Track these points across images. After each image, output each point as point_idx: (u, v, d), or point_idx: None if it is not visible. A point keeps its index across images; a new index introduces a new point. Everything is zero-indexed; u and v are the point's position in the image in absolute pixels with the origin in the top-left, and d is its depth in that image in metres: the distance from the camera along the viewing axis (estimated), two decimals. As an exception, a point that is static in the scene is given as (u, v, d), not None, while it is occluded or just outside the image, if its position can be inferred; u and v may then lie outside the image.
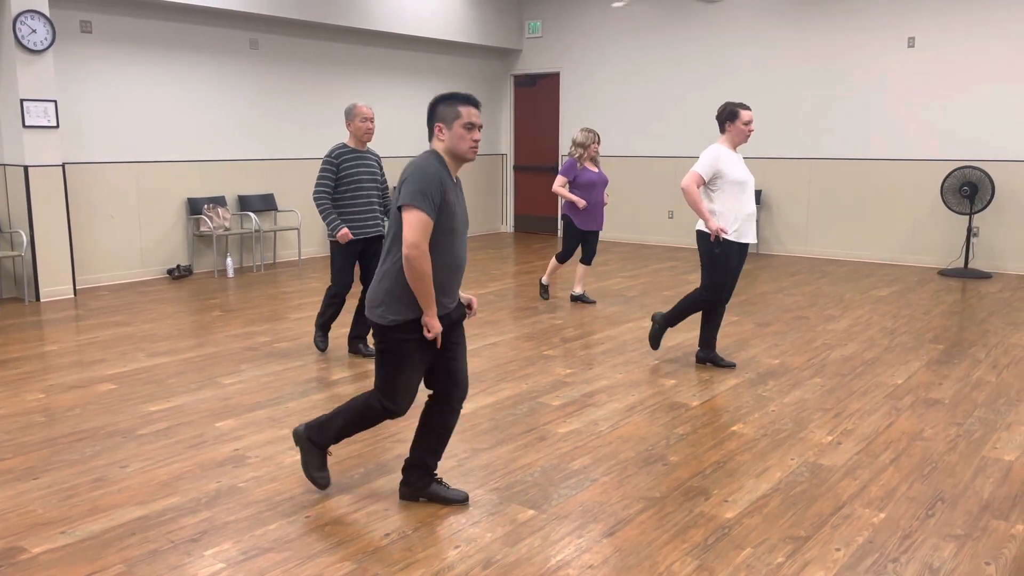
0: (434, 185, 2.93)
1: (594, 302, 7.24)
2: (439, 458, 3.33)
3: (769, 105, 10.05)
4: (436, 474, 3.36)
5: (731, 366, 5.26)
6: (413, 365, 3.09)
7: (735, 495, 3.42)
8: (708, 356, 5.32)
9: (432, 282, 2.96)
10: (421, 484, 3.33)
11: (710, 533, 3.09)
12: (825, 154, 9.87)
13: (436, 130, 3.03)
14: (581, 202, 6.79)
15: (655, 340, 5.44)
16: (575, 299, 7.27)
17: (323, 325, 5.60)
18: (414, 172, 2.95)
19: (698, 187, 4.90)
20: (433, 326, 3.01)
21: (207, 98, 8.88)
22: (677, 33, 10.75)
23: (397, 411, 3.16)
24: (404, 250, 2.89)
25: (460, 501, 3.32)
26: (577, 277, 7.23)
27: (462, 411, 4.36)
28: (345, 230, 5.17)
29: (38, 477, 3.61)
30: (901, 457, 3.82)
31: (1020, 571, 2.83)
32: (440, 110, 3.03)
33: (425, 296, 2.96)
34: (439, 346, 3.10)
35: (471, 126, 3.00)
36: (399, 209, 2.95)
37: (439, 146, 3.05)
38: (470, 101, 3.02)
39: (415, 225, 2.89)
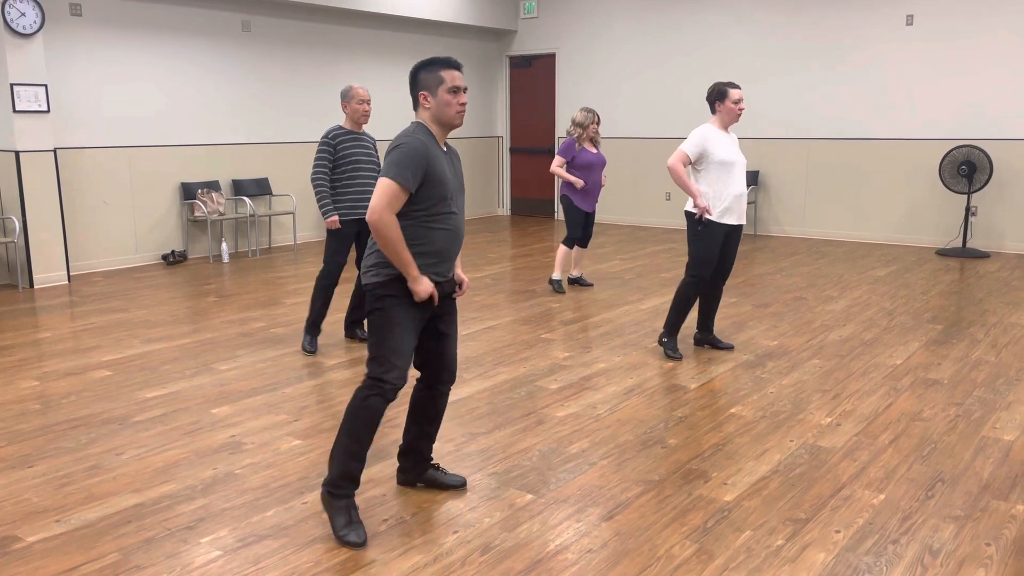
0: (415, 158, 2.85)
1: (591, 285, 7.21)
2: (433, 442, 3.30)
3: (767, 85, 9.99)
4: (432, 459, 3.34)
5: (729, 348, 5.24)
6: (403, 326, 2.93)
7: (734, 477, 3.40)
8: (706, 338, 5.30)
9: (404, 247, 2.86)
10: (418, 470, 3.31)
11: (709, 516, 3.08)
12: (823, 134, 9.81)
13: (421, 99, 2.95)
14: (579, 182, 6.71)
15: (672, 351, 5.13)
16: (572, 282, 7.24)
17: (313, 323, 5.34)
18: (398, 146, 2.88)
19: (685, 166, 4.86)
20: (418, 290, 2.90)
21: (199, 81, 8.79)
22: (674, 12, 10.66)
23: (388, 380, 2.90)
24: (367, 215, 2.84)
25: (458, 486, 3.31)
26: (574, 260, 7.19)
27: (460, 395, 4.36)
28: (334, 218, 5.11)
29: (33, 465, 3.58)
30: (900, 438, 3.81)
31: (1021, 551, 2.82)
32: (422, 77, 2.94)
33: (400, 263, 2.87)
34: (435, 301, 2.97)
35: (456, 90, 2.92)
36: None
37: (424, 115, 2.97)
38: (451, 64, 2.94)
39: (381, 192, 2.84)
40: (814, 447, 3.71)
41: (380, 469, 3.49)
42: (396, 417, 4.07)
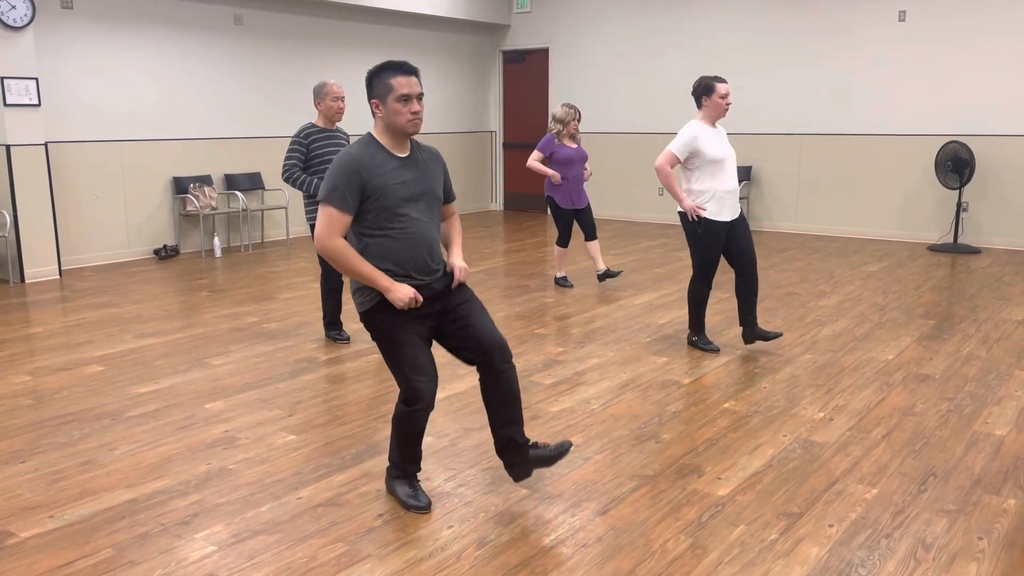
0: (343, 176, 2.81)
1: (619, 273, 6.99)
2: (520, 426, 3.09)
3: (759, 80, 9.99)
4: (529, 440, 3.14)
5: (777, 336, 5.05)
6: (404, 341, 2.93)
7: (728, 472, 3.41)
8: (754, 334, 5.05)
9: (358, 263, 2.83)
10: (520, 459, 3.12)
11: (703, 511, 3.09)
12: (815, 130, 9.83)
13: (373, 107, 2.88)
14: (556, 176, 6.65)
15: (705, 346, 5.14)
16: (603, 278, 6.95)
17: (330, 323, 5.38)
18: (331, 166, 2.85)
19: (672, 167, 4.78)
20: (395, 300, 2.85)
21: (191, 75, 8.75)
22: (667, 7, 10.65)
23: (416, 393, 2.92)
24: (315, 243, 2.84)
25: (567, 450, 3.12)
26: (593, 256, 6.96)
27: (454, 391, 4.36)
28: None
29: (25, 461, 3.57)
30: (893, 433, 3.82)
31: (1012, 545, 2.84)
32: (374, 85, 2.86)
33: (365, 279, 2.85)
34: (419, 303, 2.89)
35: (406, 98, 2.82)
36: None
37: (378, 125, 2.91)
38: (403, 69, 2.83)
39: (321, 220, 2.82)
40: (807, 442, 3.73)
41: (374, 464, 3.49)
42: (390, 411, 4.06)
